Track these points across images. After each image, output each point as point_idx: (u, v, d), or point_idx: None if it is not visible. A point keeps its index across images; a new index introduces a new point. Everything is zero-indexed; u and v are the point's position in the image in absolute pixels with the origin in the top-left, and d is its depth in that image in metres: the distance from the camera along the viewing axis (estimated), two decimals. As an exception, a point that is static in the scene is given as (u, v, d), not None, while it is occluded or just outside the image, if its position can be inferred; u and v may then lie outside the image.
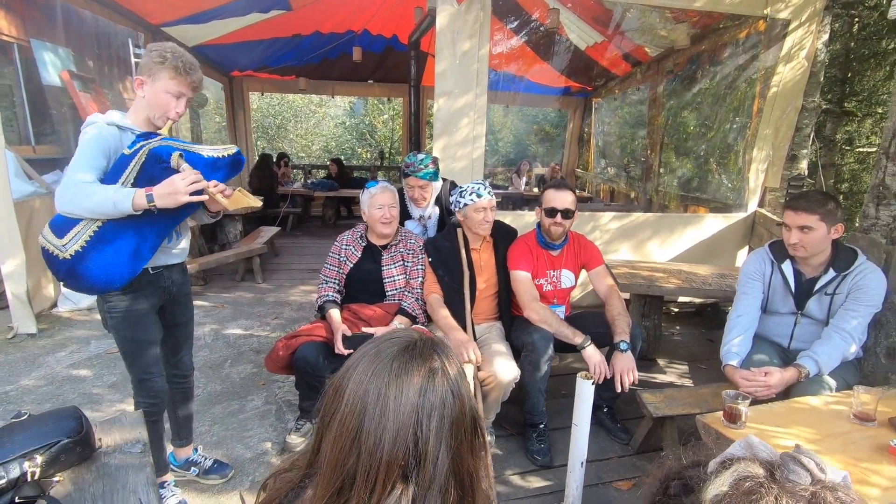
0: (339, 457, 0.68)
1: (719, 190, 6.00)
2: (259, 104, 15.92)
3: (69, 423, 1.10)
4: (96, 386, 2.88)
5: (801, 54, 3.82)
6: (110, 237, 1.55)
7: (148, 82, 1.64)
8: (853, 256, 2.04)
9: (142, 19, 5.17)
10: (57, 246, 1.54)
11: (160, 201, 1.51)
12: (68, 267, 1.54)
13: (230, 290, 4.74)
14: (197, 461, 2.15)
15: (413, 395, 0.69)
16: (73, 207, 1.50)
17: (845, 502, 0.49)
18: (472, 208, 2.41)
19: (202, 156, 1.64)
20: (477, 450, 0.75)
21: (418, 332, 0.78)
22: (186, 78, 1.65)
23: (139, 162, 1.56)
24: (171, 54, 1.62)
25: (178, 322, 1.94)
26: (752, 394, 1.89)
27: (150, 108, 1.67)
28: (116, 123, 1.63)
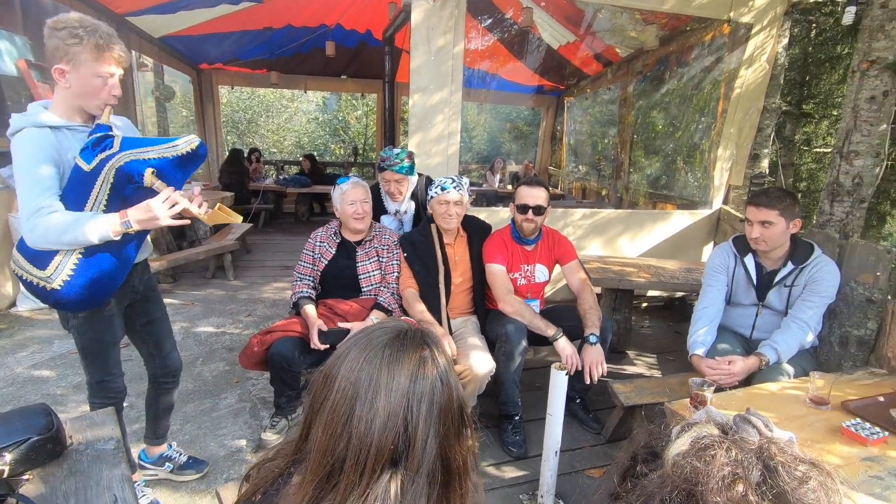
0: (330, 442, 0.70)
1: (686, 187, 6.20)
2: (229, 98, 15.56)
3: (39, 420, 1.07)
4: (60, 387, 2.79)
5: (762, 57, 3.98)
6: (97, 260, 1.48)
7: (69, 70, 1.43)
8: (810, 250, 2.15)
9: (104, 7, 4.98)
10: (42, 278, 1.44)
11: (138, 226, 1.44)
12: (57, 297, 1.46)
13: (200, 288, 4.64)
14: (171, 457, 2.12)
15: (404, 381, 0.70)
16: (48, 244, 1.40)
17: (787, 452, 0.54)
18: (436, 200, 2.44)
19: (168, 158, 1.52)
20: (463, 437, 0.77)
21: (407, 323, 0.80)
22: (111, 53, 1.45)
23: (107, 181, 1.44)
24: (85, 30, 1.41)
25: (153, 318, 1.89)
26: (717, 381, 1.98)
27: (80, 98, 1.49)
28: (47, 124, 1.45)
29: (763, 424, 0.60)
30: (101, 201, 1.45)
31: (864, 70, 2.39)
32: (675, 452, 0.57)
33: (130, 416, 2.52)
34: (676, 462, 0.56)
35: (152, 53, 6.48)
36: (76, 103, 1.50)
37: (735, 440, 0.56)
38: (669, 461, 0.57)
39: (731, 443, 0.55)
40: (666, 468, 0.57)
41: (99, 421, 1.24)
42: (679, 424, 0.63)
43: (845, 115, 2.46)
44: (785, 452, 0.54)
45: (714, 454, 0.54)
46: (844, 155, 2.41)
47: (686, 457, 0.55)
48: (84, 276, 1.46)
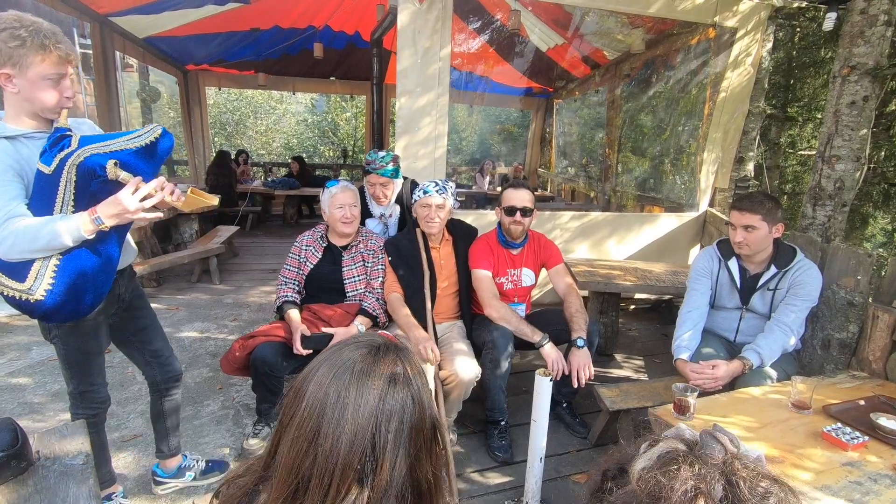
0: (296, 459, 0.68)
1: (673, 190, 6.24)
2: (216, 99, 15.42)
3: (3, 436, 1.04)
4: (38, 395, 2.73)
5: (747, 61, 4.01)
6: (76, 264, 1.41)
7: (15, 74, 1.34)
8: (792, 254, 2.17)
9: (87, 7, 4.90)
10: (22, 291, 1.37)
11: (110, 221, 1.37)
12: (43, 308, 1.40)
13: (185, 292, 4.58)
14: (190, 465, 2.10)
15: (373, 399, 0.69)
16: (21, 254, 1.34)
17: (750, 468, 0.54)
18: (419, 203, 2.43)
19: (131, 150, 1.45)
20: (437, 457, 0.76)
21: (382, 337, 0.78)
22: (58, 53, 1.37)
23: (69, 181, 1.37)
24: (27, 31, 1.33)
25: (144, 325, 1.85)
26: (701, 386, 1.98)
27: (31, 103, 1.40)
28: (3, 135, 1.39)
29: (729, 441, 0.60)
30: (69, 202, 1.39)
31: (845, 75, 2.42)
32: (640, 467, 0.57)
33: (110, 425, 2.47)
34: (641, 476, 0.56)
35: (137, 54, 6.40)
36: (28, 108, 1.42)
37: (699, 455, 0.57)
38: (635, 475, 0.56)
39: (694, 458, 0.56)
40: (632, 483, 0.56)
41: (68, 434, 1.21)
42: (647, 440, 0.62)
43: (826, 120, 2.48)
44: (748, 468, 0.54)
45: (678, 468, 0.54)
46: (826, 159, 2.43)
47: (650, 471, 0.56)
48: (66, 283, 1.39)
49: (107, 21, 5.31)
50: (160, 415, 1.97)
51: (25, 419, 2.51)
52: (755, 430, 1.59)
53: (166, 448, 2.03)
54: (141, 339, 1.85)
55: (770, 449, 1.49)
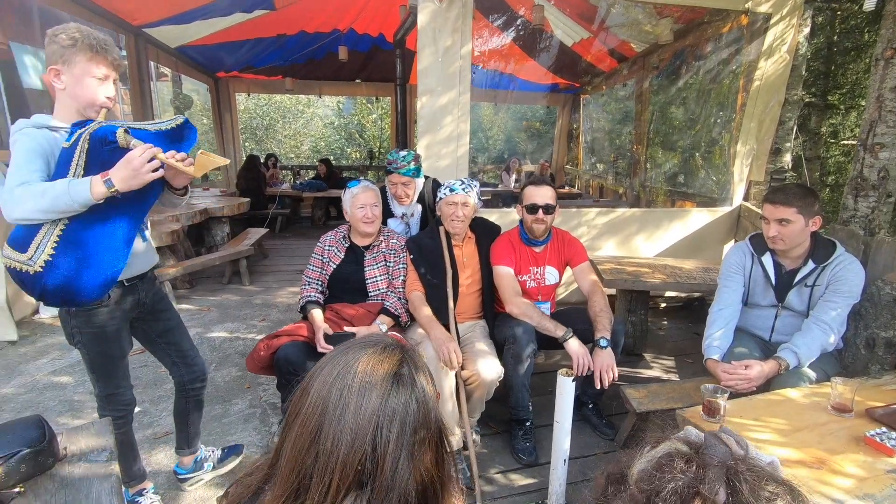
0: (298, 457, 0.68)
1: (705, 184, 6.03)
2: (246, 105, 15.82)
3: (31, 433, 1.07)
4: (77, 392, 2.84)
5: (782, 48, 3.84)
6: (79, 237, 1.41)
7: (64, 70, 1.46)
8: (832, 248, 2.05)
9: (122, 20, 5.10)
10: (22, 261, 1.39)
11: (121, 184, 1.36)
12: (42, 283, 1.40)
13: (216, 293, 4.70)
14: (206, 457, 2.16)
15: (375, 399, 0.68)
16: (25, 211, 1.34)
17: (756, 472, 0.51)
18: (444, 201, 2.41)
19: (149, 131, 1.49)
20: (442, 461, 0.74)
21: (390, 338, 0.77)
22: (106, 56, 1.48)
23: (83, 149, 1.41)
24: (81, 34, 1.45)
25: (168, 328, 1.89)
26: (733, 387, 1.90)
27: (75, 100, 1.50)
28: (46, 125, 1.48)
29: (735, 443, 0.57)
30: (80, 170, 1.41)
31: (889, 58, 2.27)
32: (640, 469, 0.55)
33: (143, 422, 2.56)
34: (640, 478, 0.54)
35: (170, 63, 6.62)
36: (72, 106, 1.51)
37: (702, 458, 0.54)
38: (634, 477, 0.54)
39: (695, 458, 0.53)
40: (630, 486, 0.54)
41: (94, 432, 1.25)
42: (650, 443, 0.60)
43: (869, 106, 2.34)
44: (753, 471, 0.51)
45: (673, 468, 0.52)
46: (869, 147, 2.29)
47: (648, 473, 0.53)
48: (67, 256, 1.40)
49: (141, 32, 5.51)
50: (184, 414, 2.02)
51: (66, 416, 2.62)
52: (791, 434, 1.51)
53: (186, 445, 2.08)
54: (167, 341, 1.89)
55: (807, 454, 1.41)
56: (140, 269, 1.71)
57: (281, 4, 5.47)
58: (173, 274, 4.27)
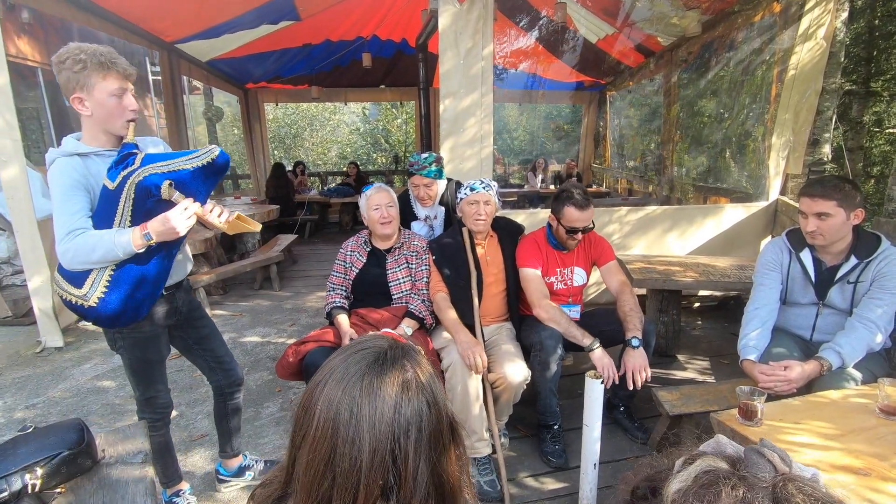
0: (314, 481, 0.66)
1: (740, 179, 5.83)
2: (274, 114, 16.19)
3: (71, 436, 1.12)
4: (119, 396, 2.95)
5: (819, 34, 3.68)
6: (127, 274, 1.52)
7: (85, 96, 1.49)
8: (876, 242, 1.95)
9: (156, 37, 5.30)
10: (78, 296, 1.51)
11: (158, 238, 1.46)
12: (96, 313, 1.52)
13: (249, 299, 4.81)
14: (249, 465, 2.20)
15: (388, 411, 0.65)
16: (82, 264, 1.46)
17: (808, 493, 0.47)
18: (465, 201, 2.41)
19: (188, 170, 1.53)
20: (456, 455, 0.72)
21: (387, 339, 0.74)
22: (116, 70, 1.50)
23: (129, 198, 1.48)
24: (86, 54, 1.46)
25: (204, 335, 1.95)
26: (772, 389, 1.82)
27: (102, 122, 1.54)
28: (76, 152, 1.52)
29: (780, 459, 0.52)
30: (126, 217, 1.49)
31: (935, 39, 2.15)
32: (675, 489, 0.51)
33: (180, 425, 2.63)
34: (676, 501, 0.49)
35: (201, 77, 6.84)
36: (100, 127, 1.56)
37: (744, 476, 0.49)
38: (668, 499, 0.50)
39: (739, 479, 0.48)
40: None
41: (130, 434, 1.29)
42: (683, 456, 0.56)
43: (914, 91, 2.22)
44: (804, 492, 0.46)
45: (718, 492, 0.47)
46: (915, 135, 2.17)
47: (686, 494, 0.49)
48: (118, 292, 1.50)
49: (173, 48, 5.71)
50: (223, 417, 2.07)
51: (108, 419, 2.73)
52: (836, 438, 1.43)
53: (229, 448, 2.13)
54: (203, 347, 1.95)
55: (854, 460, 1.34)
56: (177, 278, 1.78)
57: (306, 15, 5.58)
58: (207, 280, 4.39)
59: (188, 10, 4.80)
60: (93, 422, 2.68)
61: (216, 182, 1.65)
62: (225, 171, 1.65)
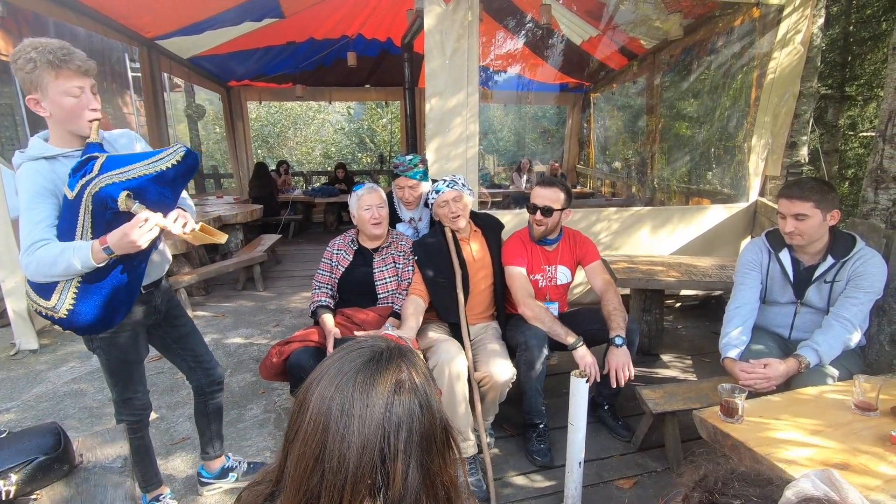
0: (303, 476, 0.66)
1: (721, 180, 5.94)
2: (258, 113, 16.01)
3: (47, 440, 1.09)
4: (96, 400, 2.88)
5: (796, 39, 3.76)
6: (97, 284, 1.46)
7: (40, 97, 1.40)
8: (852, 243, 2.00)
9: (136, 33, 5.20)
10: (48, 308, 1.45)
11: (119, 251, 1.39)
12: (69, 323, 1.47)
13: (231, 300, 4.74)
14: (233, 466, 2.17)
15: (379, 409, 0.66)
16: (45, 277, 1.40)
17: None
18: (436, 205, 2.42)
19: (150, 175, 1.43)
20: (450, 461, 0.72)
21: (385, 340, 0.75)
22: (69, 67, 1.39)
23: (87, 209, 1.40)
24: (37, 52, 1.37)
25: (183, 334, 1.91)
26: (752, 386, 1.86)
27: (63, 123, 1.46)
28: (42, 155, 1.45)
29: None
30: (87, 230, 1.42)
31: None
32: None
33: (160, 428, 2.59)
34: None
35: (182, 74, 6.72)
36: (63, 128, 1.48)
37: None
38: None
39: None
40: None
41: (108, 438, 1.26)
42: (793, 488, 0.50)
43: (887, 96, 2.28)
44: None
45: None
46: (888, 138, 2.23)
47: None
48: (87, 302, 1.45)
49: (154, 44, 5.60)
50: (205, 417, 2.04)
51: (85, 423, 2.67)
52: (813, 434, 1.46)
53: (211, 450, 2.09)
54: (182, 347, 1.92)
55: (830, 455, 1.37)
56: (155, 276, 1.74)
57: (290, 13, 5.53)
58: (188, 281, 4.32)
59: (169, 5, 4.71)
60: (70, 426, 2.61)
61: (184, 184, 1.57)
62: (193, 172, 1.57)
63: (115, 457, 1.18)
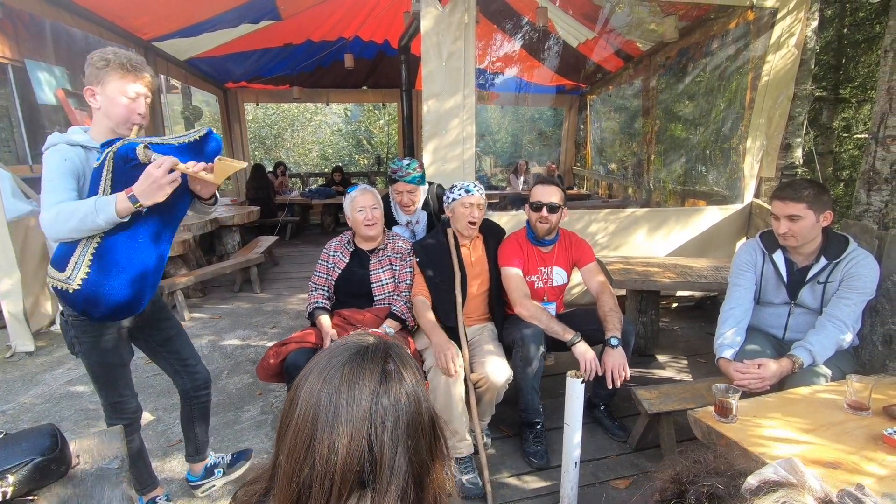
0: (295, 467, 0.68)
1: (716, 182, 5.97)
2: (255, 114, 15.98)
3: (43, 441, 1.09)
4: (93, 402, 2.88)
5: (790, 42, 3.79)
6: (112, 255, 1.48)
7: (98, 90, 1.54)
8: (844, 244, 2.02)
9: (133, 35, 5.19)
10: (62, 280, 1.47)
11: (144, 198, 1.41)
12: (82, 297, 1.47)
13: (228, 301, 4.74)
14: (217, 463, 2.17)
15: (365, 399, 0.68)
16: (60, 231, 1.42)
17: None
18: (459, 202, 2.41)
19: (172, 145, 1.52)
20: (437, 451, 0.74)
21: (373, 336, 0.77)
22: (137, 74, 1.54)
23: (108, 169, 1.46)
24: (114, 55, 1.53)
25: (168, 337, 1.90)
26: (746, 386, 1.87)
27: (109, 119, 1.56)
28: (80, 143, 1.53)
29: None
30: (108, 189, 1.47)
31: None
32: None
33: (157, 430, 2.58)
34: None
35: (179, 76, 6.71)
36: (107, 124, 1.58)
37: None
38: None
39: None
40: None
41: (105, 440, 1.26)
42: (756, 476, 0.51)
43: (879, 99, 2.30)
44: None
45: None
46: (880, 140, 2.25)
47: None
48: (101, 273, 1.47)
49: (151, 46, 5.60)
50: (189, 421, 2.03)
51: (82, 424, 2.66)
52: (808, 433, 1.48)
53: (195, 452, 2.09)
54: (168, 350, 1.90)
55: (823, 454, 1.38)
56: None
57: (287, 15, 5.54)
58: (185, 283, 4.31)
59: (167, 7, 4.71)
60: (66, 428, 2.61)
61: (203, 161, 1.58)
62: (216, 148, 1.62)
63: (113, 458, 1.19)
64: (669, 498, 0.57)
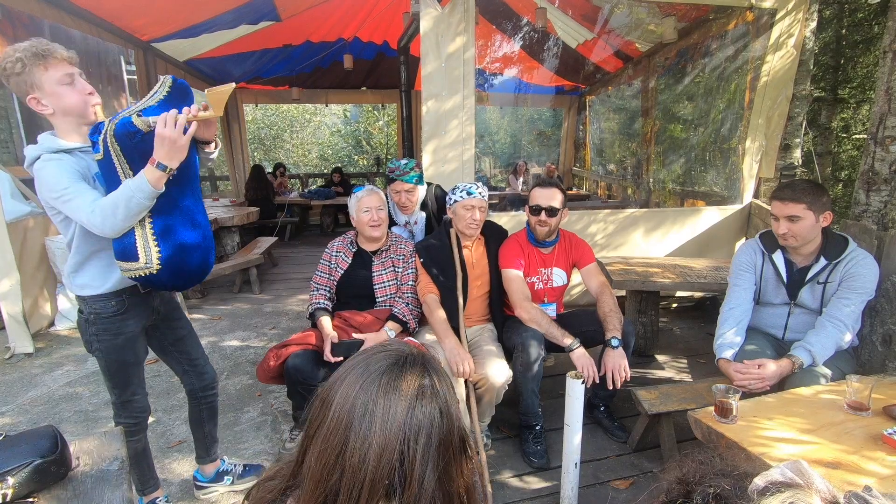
0: (323, 472, 0.67)
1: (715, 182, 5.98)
2: (254, 115, 15.97)
3: (43, 443, 1.09)
4: (92, 403, 2.87)
5: (789, 43, 3.80)
6: (169, 227, 1.52)
7: (38, 94, 1.45)
8: (844, 244, 2.02)
9: (132, 36, 5.19)
10: (142, 267, 1.50)
11: (170, 161, 1.41)
12: (167, 274, 1.52)
13: (228, 302, 4.74)
14: (228, 470, 2.16)
15: (401, 412, 0.67)
16: (115, 225, 1.42)
17: None
18: (461, 205, 2.41)
19: (154, 106, 1.49)
20: (465, 469, 0.73)
21: (409, 346, 0.77)
22: (54, 57, 1.45)
23: (116, 152, 1.44)
24: (22, 52, 1.42)
25: (180, 336, 1.92)
26: (746, 387, 1.87)
27: (66, 115, 1.50)
28: (60, 148, 1.49)
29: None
30: (127, 171, 1.46)
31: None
32: None
33: (157, 432, 2.58)
34: None
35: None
36: (69, 121, 1.52)
37: None
38: None
39: None
40: None
41: (106, 441, 1.26)
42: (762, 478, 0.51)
43: (878, 99, 2.30)
44: None
45: None
46: (879, 141, 2.26)
47: None
48: (170, 247, 1.51)
49: (150, 47, 5.60)
50: (198, 421, 2.04)
51: (81, 426, 2.66)
52: (808, 433, 1.48)
53: (205, 453, 2.09)
54: (179, 349, 1.92)
55: (824, 454, 1.38)
56: None
57: (286, 15, 5.53)
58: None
59: (166, 8, 4.71)
60: (66, 429, 2.60)
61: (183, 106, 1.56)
62: (188, 93, 1.59)
63: (112, 459, 1.18)
64: (675, 498, 0.57)
